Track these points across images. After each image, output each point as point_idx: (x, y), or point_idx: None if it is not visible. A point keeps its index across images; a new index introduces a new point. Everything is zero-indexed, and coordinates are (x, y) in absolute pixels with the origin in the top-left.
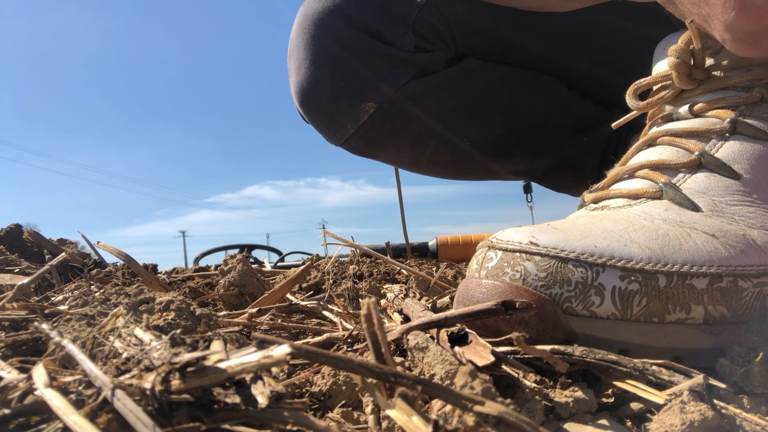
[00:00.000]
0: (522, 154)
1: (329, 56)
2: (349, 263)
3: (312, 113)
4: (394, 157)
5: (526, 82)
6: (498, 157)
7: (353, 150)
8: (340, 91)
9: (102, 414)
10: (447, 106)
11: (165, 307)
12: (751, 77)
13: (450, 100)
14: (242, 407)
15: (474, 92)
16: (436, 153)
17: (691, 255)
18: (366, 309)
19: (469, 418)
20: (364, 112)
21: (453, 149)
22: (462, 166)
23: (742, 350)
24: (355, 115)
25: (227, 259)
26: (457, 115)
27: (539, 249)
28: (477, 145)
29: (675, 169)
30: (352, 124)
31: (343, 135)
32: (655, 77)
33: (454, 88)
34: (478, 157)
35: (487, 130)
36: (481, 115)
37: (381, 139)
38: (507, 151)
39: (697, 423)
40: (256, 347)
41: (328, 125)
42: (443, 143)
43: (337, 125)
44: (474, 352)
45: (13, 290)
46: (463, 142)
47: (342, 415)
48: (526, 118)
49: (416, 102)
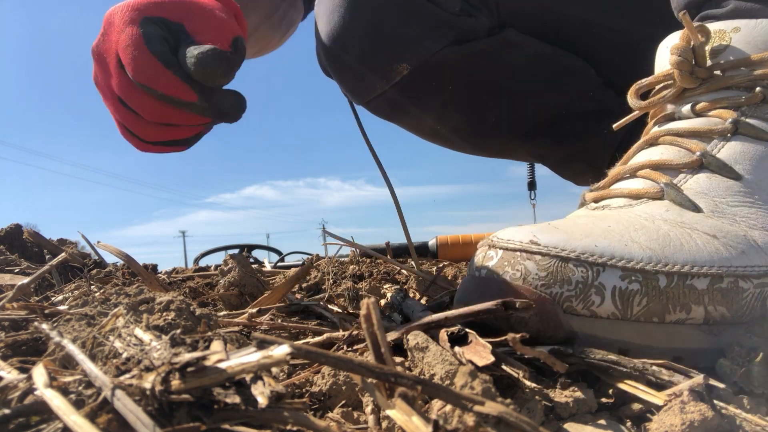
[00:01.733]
0: (543, 137)
1: (369, 6)
2: (349, 263)
3: (339, 67)
4: (415, 124)
5: (560, 63)
6: (519, 137)
7: (375, 111)
8: (375, 46)
9: (102, 414)
10: (480, 78)
11: (165, 307)
12: (754, 77)
13: (484, 73)
14: (242, 407)
15: (509, 67)
16: (459, 126)
17: (691, 255)
18: (366, 309)
19: (469, 418)
20: (397, 73)
21: (476, 124)
22: (480, 142)
23: (742, 350)
24: (387, 75)
25: (227, 259)
26: (488, 89)
27: (540, 248)
28: (501, 123)
29: (676, 169)
30: (381, 84)
31: (369, 94)
32: (657, 77)
33: (491, 61)
34: (499, 134)
35: (514, 108)
36: (511, 92)
37: (407, 104)
38: (529, 132)
39: (697, 423)
40: (256, 347)
41: (354, 82)
42: (468, 116)
43: (366, 83)
44: (474, 352)
45: (13, 290)
46: (488, 118)
47: (342, 415)
48: (554, 100)
49: (450, 70)
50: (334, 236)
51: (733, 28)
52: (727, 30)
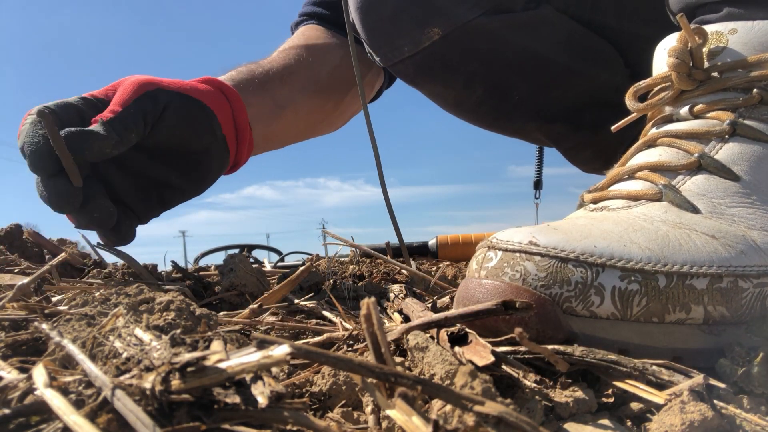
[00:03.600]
0: (563, 122)
1: None
2: (349, 263)
3: (370, 26)
4: (439, 93)
5: (591, 48)
6: (540, 119)
7: (400, 74)
8: (409, 6)
9: (102, 414)
10: (510, 54)
11: (165, 307)
12: (751, 78)
13: (515, 49)
14: (242, 407)
15: (540, 46)
16: (481, 100)
17: (690, 255)
18: (366, 309)
19: (469, 418)
20: (428, 38)
21: (499, 100)
22: (500, 119)
23: (742, 350)
24: (417, 39)
25: (227, 259)
26: (517, 66)
27: (539, 249)
28: (524, 102)
29: (675, 170)
30: (410, 47)
31: (396, 56)
32: (655, 78)
33: (523, 36)
34: (520, 114)
35: (540, 89)
36: (539, 72)
37: (434, 71)
38: (551, 115)
39: (697, 423)
40: (256, 347)
41: (381, 42)
42: (492, 91)
43: (393, 44)
44: (474, 352)
45: (13, 290)
46: (512, 95)
47: (342, 415)
48: (581, 86)
49: (481, 40)
50: (334, 236)
51: (730, 30)
52: (724, 32)
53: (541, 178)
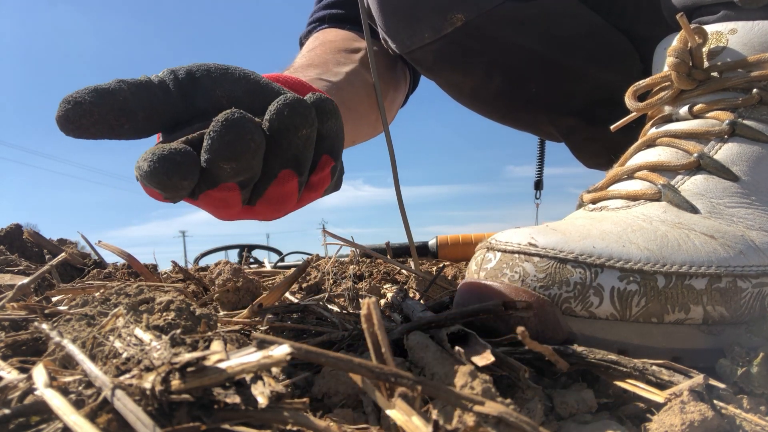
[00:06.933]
0: (576, 117)
1: None
2: (349, 263)
3: (389, 11)
4: (455, 82)
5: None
6: (554, 112)
7: (417, 62)
8: None
9: (102, 414)
10: (531, 44)
11: (165, 307)
12: (750, 79)
13: (536, 39)
14: (242, 407)
15: (562, 38)
16: (499, 91)
17: (689, 255)
18: (366, 309)
19: (469, 418)
20: (450, 24)
21: (515, 91)
22: (514, 112)
23: (742, 350)
24: (438, 25)
25: (220, 265)
26: (537, 58)
27: (538, 250)
28: (541, 95)
29: (674, 170)
30: (430, 33)
31: (414, 43)
32: (655, 78)
33: (546, 26)
34: (535, 107)
35: (558, 83)
36: (559, 65)
37: (454, 59)
38: (566, 108)
39: (697, 423)
40: (256, 347)
41: (399, 28)
42: (510, 82)
43: (413, 31)
44: (474, 352)
45: (13, 290)
46: (529, 87)
47: (342, 415)
48: (598, 81)
49: (504, 29)
50: (334, 236)
51: (730, 30)
52: (724, 32)
53: (542, 179)
